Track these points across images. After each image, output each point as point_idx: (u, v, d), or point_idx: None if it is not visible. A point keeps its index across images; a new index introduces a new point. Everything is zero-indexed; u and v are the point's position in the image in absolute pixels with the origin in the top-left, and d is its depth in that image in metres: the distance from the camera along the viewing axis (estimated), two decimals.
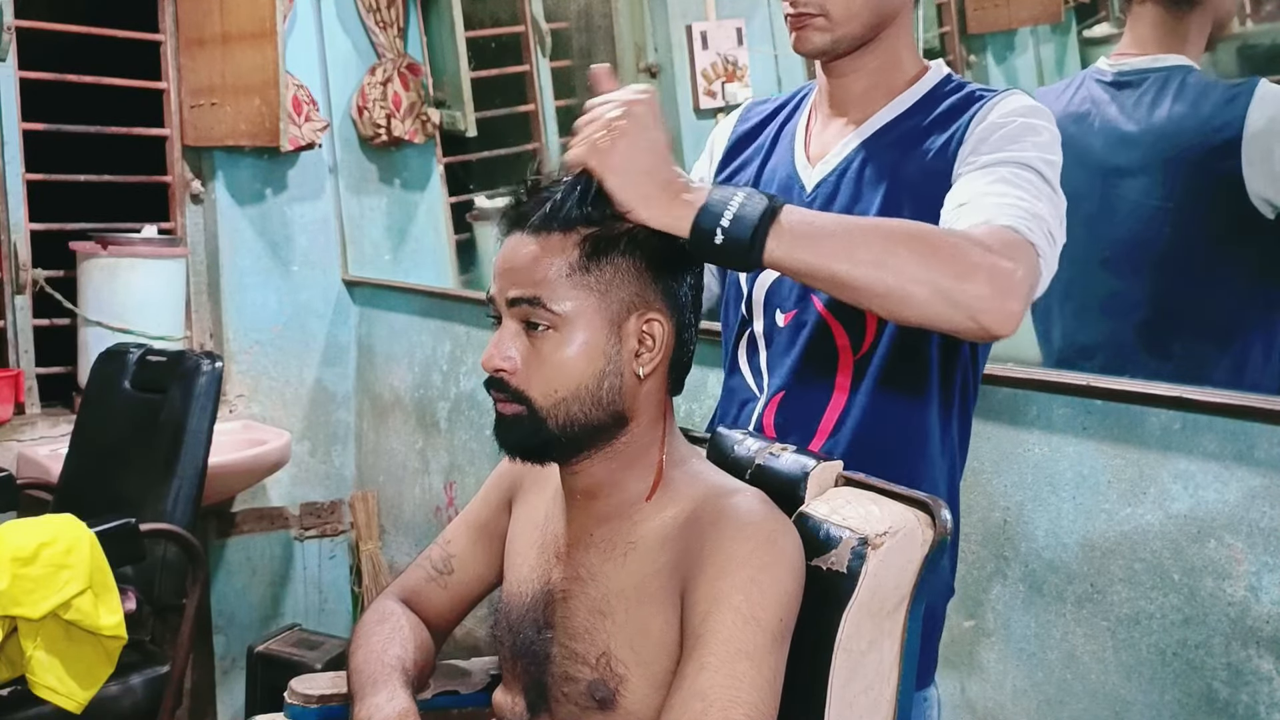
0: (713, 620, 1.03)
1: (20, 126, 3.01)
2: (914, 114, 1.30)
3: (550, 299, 1.09)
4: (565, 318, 1.09)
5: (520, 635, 1.20)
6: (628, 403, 1.13)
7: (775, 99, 1.47)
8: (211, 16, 3.13)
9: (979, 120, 1.24)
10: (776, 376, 1.35)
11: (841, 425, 1.31)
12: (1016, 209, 1.13)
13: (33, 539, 1.97)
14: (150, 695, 2.25)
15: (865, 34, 1.29)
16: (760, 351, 1.37)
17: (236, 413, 3.34)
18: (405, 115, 3.33)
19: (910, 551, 1.10)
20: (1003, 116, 1.23)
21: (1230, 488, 1.50)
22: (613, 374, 1.11)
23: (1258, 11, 1.78)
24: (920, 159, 1.26)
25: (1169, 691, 1.57)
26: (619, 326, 1.11)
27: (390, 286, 3.33)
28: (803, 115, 1.39)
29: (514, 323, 1.12)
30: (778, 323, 1.35)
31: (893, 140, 1.30)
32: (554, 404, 1.11)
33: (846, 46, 1.29)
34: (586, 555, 1.17)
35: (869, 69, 1.31)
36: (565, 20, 3.00)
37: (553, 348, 1.10)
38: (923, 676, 1.32)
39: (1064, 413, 1.69)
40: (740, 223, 1.04)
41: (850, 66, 1.32)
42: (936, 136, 1.26)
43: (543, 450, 1.15)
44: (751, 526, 1.07)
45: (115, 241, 3.01)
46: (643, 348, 1.13)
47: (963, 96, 1.29)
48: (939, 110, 1.28)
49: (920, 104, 1.31)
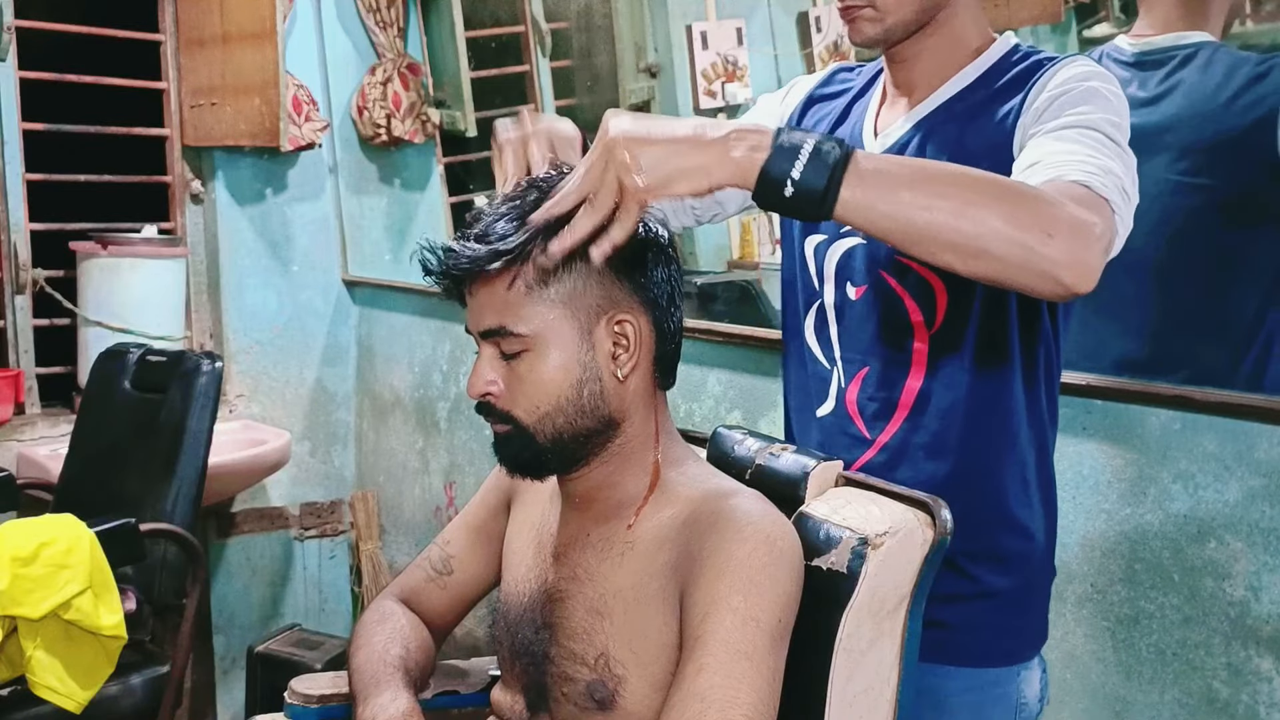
0: (712, 621, 1.03)
1: (20, 126, 3.01)
2: (978, 88, 1.28)
3: (514, 324, 1.10)
4: (533, 337, 1.10)
5: (519, 635, 1.20)
6: (614, 405, 1.13)
7: (861, 69, 1.44)
8: (211, 16, 3.13)
9: (1040, 89, 1.21)
10: (853, 352, 1.33)
11: (923, 402, 1.28)
12: (1088, 165, 1.10)
13: (33, 539, 1.97)
14: (150, 695, 2.25)
15: (919, 19, 1.26)
16: (830, 325, 1.35)
17: (236, 413, 3.34)
18: (405, 115, 3.33)
19: (910, 551, 1.10)
20: (1065, 83, 1.19)
21: (1230, 488, 1.50)
22: (591, 381, 1.12)
23: (1258, 11, 1.77)
24: (982, 131, 1.24)
25: (1169, 691, 1.57)
26: (590, 333, 1.12)
27: (390, 286, 3.33)
28: (876, 91, 1.38)
29: (490, 348, 1.13)
30: (850, 296, 1.32)
31: (956, 114, 1.27)
32: (539, 420, 1.12)
33: (900, 34, 1.27)
34: (584, 555, 1.17)
35: (929, 50, 1.29)
36: (565, 20, 3.00)
37: (528, 367, 1.11)
38: (1030, 649, 1.33)
39: (1064, 413, 1.68)
40: (814, 171, 1.00)
41: (909, 51, 1.29)
42: (999, 108, 1.24)
43: (538, 465, 1.16)
44: (750, 528, 1.07)
45: (115, 241, 3.01)
46: (618, 349, 1.13)
47: (1028, 66, 1.26)
48: (1003, 81, 1.26)
49: (984, 77, 1.28)
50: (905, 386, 1.29)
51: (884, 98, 1.36)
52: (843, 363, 1.33)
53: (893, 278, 1.29)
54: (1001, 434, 1.28)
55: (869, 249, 1.30)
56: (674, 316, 1.16)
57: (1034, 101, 1.20)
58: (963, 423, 1.27)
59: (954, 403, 1.27)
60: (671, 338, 1.17)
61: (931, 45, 1.28)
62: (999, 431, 1.28)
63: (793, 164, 1.00)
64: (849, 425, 1.32)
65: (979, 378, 1.27)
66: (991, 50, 1.29)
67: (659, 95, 2.83)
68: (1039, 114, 1.19)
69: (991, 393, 1.27)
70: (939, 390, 1.27)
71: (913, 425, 1.29)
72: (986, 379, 1.27)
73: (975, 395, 1.27)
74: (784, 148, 1.01)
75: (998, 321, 1.26)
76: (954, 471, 1.27)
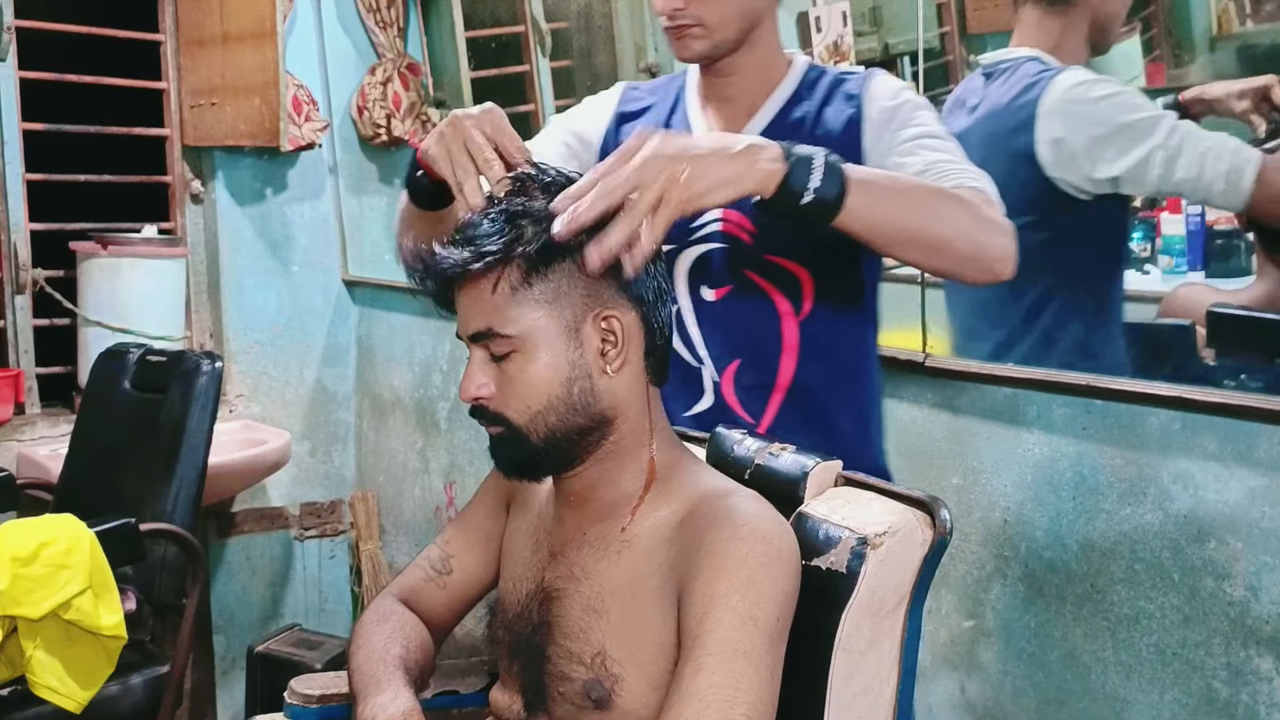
0: (710, 621, 1.03)
1: (20, 126, 3.01)
2: (800, 100, 1.44)
3: (500, 325, 1.10)
4: (520, 338, 1.11)
5: (515, 634, 1.20)
6: (606, 402, 1.13)
7: (650, 85, 1.57)
8: (211, 16, 3.13)
9: (871, 102, 1.39)
10: (720, 348, 1.45)
11: (799, 378, 1.44)
12: (969, 170, 1.30)
13: (33, 539, 1.97)
14: (150, 695, 2.25)
15: (739, 37, 1.41)
16: (690, 326, 1.45)
17: (236, 413, 3.34)
18: (405, 115, 3.33)
19: (910, 551, 1.10)
20: (892, 96, 1.39)
21: (1230, 488, 1.50)
22: (581, 378, 1.12)
23: (1258, 12, 1.77)
24: (827, 140, 1.37)
25: (1169, 691, 1.57)
26: (577, 331, 1.12)
27: (390, 286, 3.33)
28: (691, 105, 1.49)
29: (480, 351, 1.14)
30: (707, 298, 1.44)
31: (792, 124, 1.42)
32: (530, 420, 1.12)
33: (724, 50, 1.41)
34: (580, 554, 1.17)
35: (748, 66, 1.44)
36: (565, 20, 2.99)
37: (518, 368, 1.12)
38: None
39: (1064, 413, 1.69)
40: (829, 181, 1.13)
41: (732, 66, 1.44)
42: (833, 119, 1.41)
43: (533, 465, 1.16)
44: (747, 527, 1.07)
45: (115, 241, 3.01)
46: (606, 345, 1.13)
47: (831, 80, 1.44)
48: (818, 95, 1.44)
49: (799, 90, 1.44)
50: (780, 369, 1.44)
51: (705, 110, 1.48)
52: (712, 360, 1.45)
53: (758, 275, 1.43)
54: (869, 382, 1.49)
55: (729, 253, 1.43)
56: (662, 312, 1.16)
57: (869, 112, 1.39)
58: (836, 386, 1.45)
59: (826, 370, 1.44)
60: (660, 333, 1.16)
61: (748, 61, 1.44)
62: (866, 381, 1.49)
63: (809, 175, 1.13)
64: (731, 415, 1.44)
65: (844, 343, 1.45)
66: (796, 66, 1.47)
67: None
68: (884, 124, 1.37)
69: (857, 353, 1.47)
70: (811, 364, 1.43)
71: (792, 401, 1.44)
72: (850, 343, 1.46)
73: (842, 359, 1.45)
74: (800, 160, 1.13)
75: (855, 290, 1.45)
76: (833, 432, 1.43)
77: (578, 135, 1.54)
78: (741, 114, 1.45)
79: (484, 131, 1.21)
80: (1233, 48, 1.80)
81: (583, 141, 1.52)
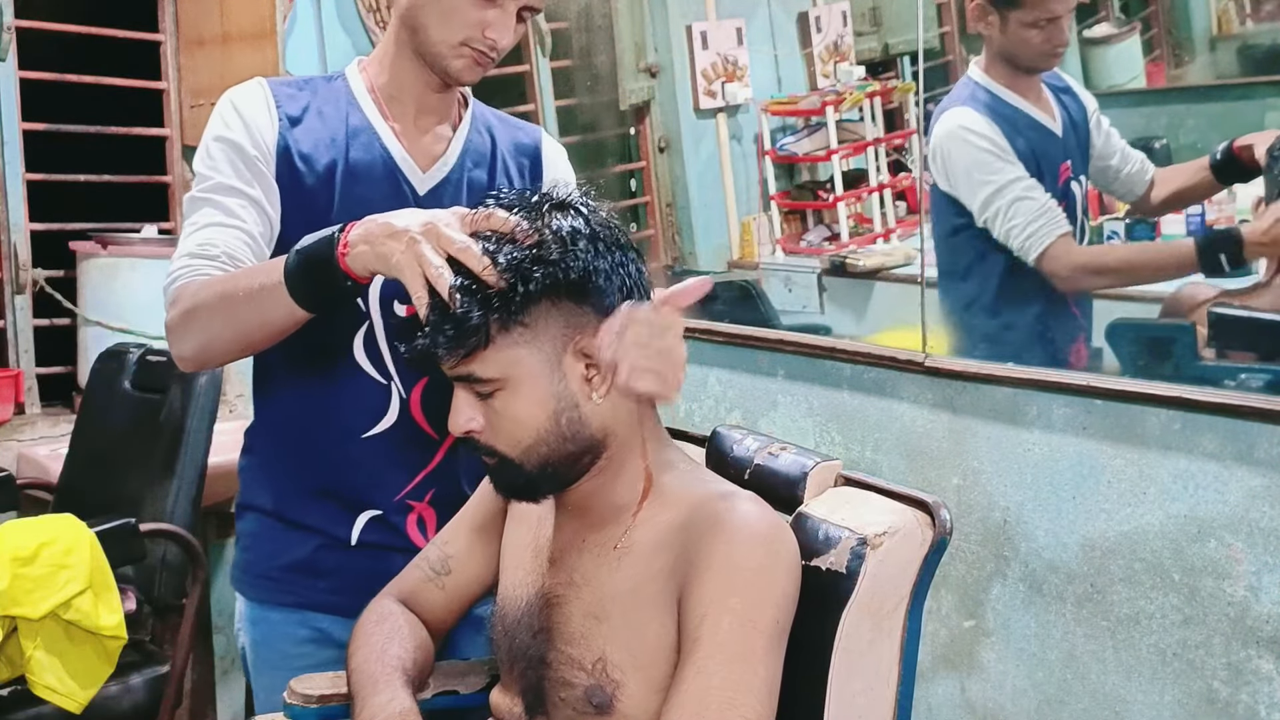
0: (710, 623, 1.03)
1: (20, 126, 3.00)
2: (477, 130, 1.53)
3: (481, 369, 1.11)
4: (503, 378, 1.11)
5: (516, 639, 1.20)
6: (596, 426, 1.14)
7: (295, 82, 1.54)
8: (211, 16, 3.13)
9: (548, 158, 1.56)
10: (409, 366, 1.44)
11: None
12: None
13: (33, 539, 1.97)
14: (150, 695, 2.25)
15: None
16: (381, 343, 1.43)
17: (236, 413, 3.33)
18: None
19: (909, 551, 1.10)
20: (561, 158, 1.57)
21: (1230, 488, 1.50)
22: (568, 409, 1.13)
23: (1258, 11, 1.78)
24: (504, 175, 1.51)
25: (1169, 691, 1.57)
26: (559, 363, 1.12)
27: None
28: (370, 111, 1.47)
29: (465, 388, 1.14)
30: (398, 313, 1.43)
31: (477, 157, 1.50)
32: (523, 453, 1.14)
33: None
34: (580, 560, 1.17)
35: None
36: (565, 20, 2.99)
37: (504, 405, 1.12)
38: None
39: (1064, 413, 1.69)
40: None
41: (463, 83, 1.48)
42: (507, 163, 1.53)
43: (531, 489, 1.17)
44: (746, 530, 1.07)
45: (115, 241, 3.00)
46: (590, 372, 1.13)
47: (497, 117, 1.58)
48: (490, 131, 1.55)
49: (474, 121, 1.53)
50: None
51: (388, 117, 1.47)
52: (399, 378, 1.44)
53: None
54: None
55: None
56: None
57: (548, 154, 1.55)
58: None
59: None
60: None
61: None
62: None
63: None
64: (417, 432, 1.44)
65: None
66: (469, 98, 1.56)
67: (658, 95, 2.83)
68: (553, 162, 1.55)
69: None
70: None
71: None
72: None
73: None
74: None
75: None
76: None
77: (257, 155, 1.49)
78: (441, 124, 1.50)
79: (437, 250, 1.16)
80: (1233, 48, 1.81)
81: (261, 151, 1.49)
